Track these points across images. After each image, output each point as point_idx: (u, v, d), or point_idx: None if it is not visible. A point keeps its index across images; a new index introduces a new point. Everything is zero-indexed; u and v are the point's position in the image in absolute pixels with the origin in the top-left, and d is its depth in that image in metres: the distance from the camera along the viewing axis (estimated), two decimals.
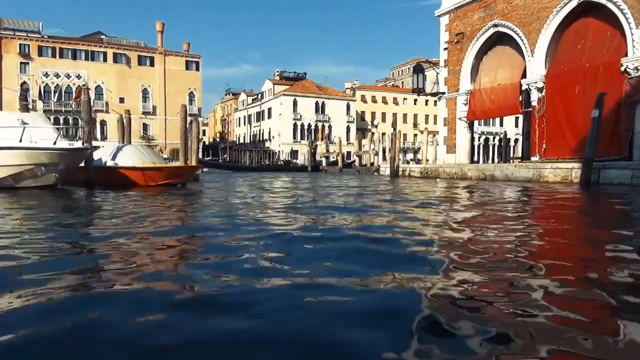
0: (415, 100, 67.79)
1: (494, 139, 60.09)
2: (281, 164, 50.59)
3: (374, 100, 69.83)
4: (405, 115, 68.72)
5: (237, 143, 71.60)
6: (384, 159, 31.87)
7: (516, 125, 55.04)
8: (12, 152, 10.80)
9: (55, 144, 11.12)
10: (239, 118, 78.57)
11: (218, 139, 76.43)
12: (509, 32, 19.33)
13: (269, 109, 66.01)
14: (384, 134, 44.12)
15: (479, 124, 51.77)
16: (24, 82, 46.37)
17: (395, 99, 70.85)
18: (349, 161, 47.57)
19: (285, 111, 61.65)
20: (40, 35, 47.30)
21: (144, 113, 50.96)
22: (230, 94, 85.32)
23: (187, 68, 53.51)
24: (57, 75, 47.52)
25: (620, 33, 15.34)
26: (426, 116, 70.73)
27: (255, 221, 5.13)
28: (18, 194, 9.57)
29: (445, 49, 22.90)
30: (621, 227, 4.81)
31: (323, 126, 61.63)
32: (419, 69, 24.31)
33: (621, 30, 15.28)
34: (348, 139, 61.05)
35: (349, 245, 3.54)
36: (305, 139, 54.30)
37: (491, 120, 54.71)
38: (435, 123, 55.49)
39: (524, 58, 18.85)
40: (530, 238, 4.02)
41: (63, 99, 46.85)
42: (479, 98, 20.94)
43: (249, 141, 71.43)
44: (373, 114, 68.98)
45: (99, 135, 43.87)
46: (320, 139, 53.22)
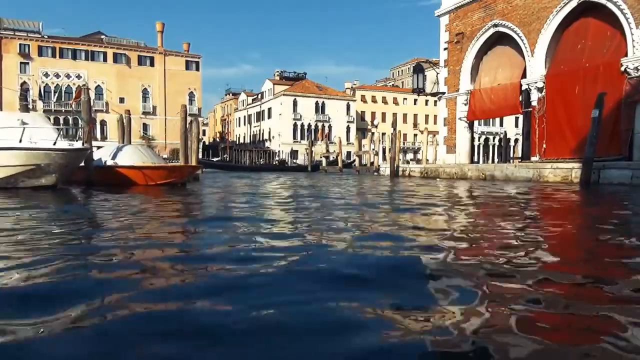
0: (415, 100, 67.78)
1: (494, 139, 60.07)
2: (275, 163, 49.83)
3: (374, 100, 69.82)
4: (405, 115, 68.70)
5: (237, 143, 71.57)
6: (384, 159, 31.85)
7: (516, 125, 55.02)
8: (12, 153, 10.78)
9: (55, 144, 11.08)
10: (239, 118, 78.55)
11: (218, 139, 76.40)
12: (509, 32, 19.33)
13: (269, 109, 66.00)
14: (384, 134, 44.09)
15: (479, 124, 51.75)
16: (24, 82, 46.37)
17: (395, 99, 70.83)
18: (349, 161, 47.50)
19: (285, 111, 61.63)
20: (40, 35, 47.29)
21: (144, 113, 50.96)
22: (230, 94, 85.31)
23: (187, 68, 53.51)
24: (57, 75, 47.51)
25: (620, 33, 15.35)
26: (426, 116, 70.71)
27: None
28: (18, 194, 9.57)
29: (445, 49, 22.90)
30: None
31: (323, 126, 61.61)
32: (419, 69, 24.31)
33: (621, 30, 15.28)
34: (348, 139, 61.03)
35: None
36: (305, 139, 54.27)
37: (491, 120, 54.69)
38: (435, 123, 55.47)
39: (524, 58, 18.84)
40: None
41: (63, 99, 46.84)
42: (479, 98, 20.94)
43: (249, 141, 71.40)
44: (373, 114, 68.98)
45: (99, 135, 43.85)
46: (320, 139, 53.19)
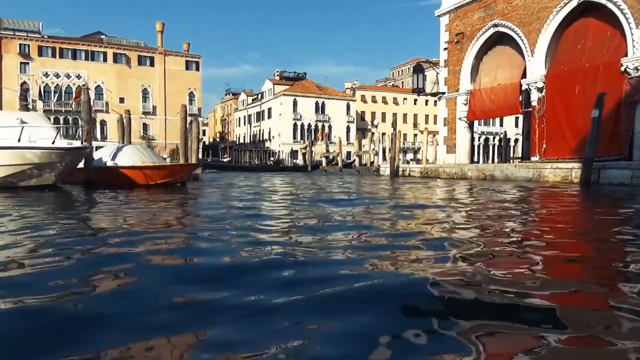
0: (415, 100, 67.78)
1: (494, 139, 60.06)
2: (270, 163, 48.94)
3: (374, 100, 69.81)
4: (405, 115, 68.70)
5: (237, 143, 71.56)
6: (384, 159, 31.84)
7: (516, 125, 55.01)
8: (11, 152, 10.77)
9: (53, 143, 11.07)
10: (239, 118, 78.54)
11: (218, 139, 76.39)
12: (509, 32, 19.31)
13: (269, 109, 65.99)
14: (384, 134, 44.08)
15: (479, 124, 51.73)
16: (24, 82, 46.37)
17: (395, 99, 70.83)
18: (349, 161, 47.49)
19: (285, 111, 61.62)
20: (40, 35, 47.28)
21: (144, 113, 50.96)
22: (230, 94, 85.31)
23: (187, 68, 53.51)
24: (57, 75, 47.51)
25: (620, 33, 15.33)
26: (426, 116, 70.70)
27: None
28: (17, 193, 9.55)
29: (445, 49, 22.88)
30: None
31: (323, 126, 61.60)
32: (419, 69, 24.29)
33: (621, 30, 15.26)
34: (348, 139, 61.02)
35: None
36: (306, 139, 54.25)
37: (491, 120, 54.68)
38: (435, 123, 55.45)
39: (524, 58, 18.83)
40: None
41: (63, 99, 46.83)
42: (479, 98, 20.93)
43: (249, 141, 71.40)
44: (373, 114, 68.97)
45: (99, 135, 43.87)
46: (320, 139, 53.18)
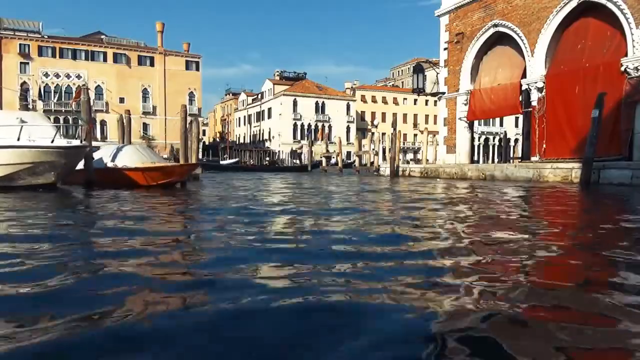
0: (415, 100, 67.78)
1: (494, 139, 60.06)
2: (265, 164, 47.72)
3: (374, 100, 69.81)
4: (405, 115, 68.70)
5: (237, 143, 71.57)
6: (384, 159, 31.82)
7: (516, 125, 55.01)
8: (10, 151, 10.75)
9: (53, 141, 11.04)
10: (239, 118, 78.54)
11: (218, 139, 76.40)
12: (509, 32, 19.31)
13: (269, 109, 65.99)
14: (384, 134, 44.07)
15: (479, 124, 51.74)
16: (24, 82, 46.37)
17: (395, 99, 70.82)
18: (349, 161, 47.45)
19: (285, 111, 61.62)
20: (40, 35, 47.29)
21: (144, 113, 50.97)
22: (230, 94, 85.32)
23: (187, 68, 53.53)
24: (57, 75, 47.51)
25: (620, 33, 15.33)
26: (426, 116, 70.70)
27: None
28: (17, 193, 9.53)
29: (445, 49, 22.88)
30: None
31: (323, 126, 61.60)
32: (419, 69, 24.29)
33: (621, 30, 15.26)
34: (348, 139, 61.03)
35: None
36: (306, 139, 54.23)
37: (491, 120, 54.68)
38: (435, 123, 55.45)
39: (524, 58, 18.83)
40: None
41: (63, 99, 46.86)
42: (479, 98, 20.92)
43: (249, 141, 71.42)
44: (373, 114, 68.97)
45: (99, 135, 43.83)
46: (320, 139, 53.16)
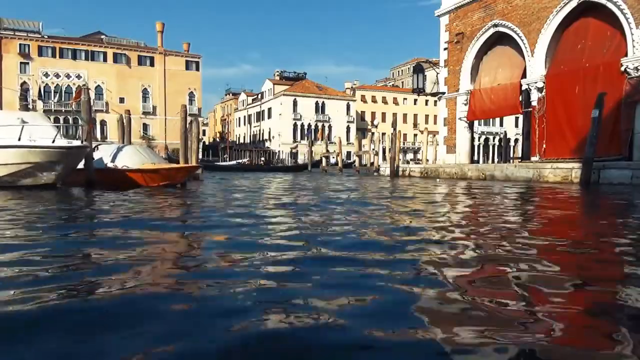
0: (415, 100, 67.79)
1: (494, 139, 60.07)
2: (261, 163, 46.25)
3: (374, 100, 69.82)
4: (405, 115, 68.70)
5: (237, 143, 71.58)
6: (384, 159, 31.81)
7: (516, 125, 55.02)
8: (11, 151, 10.76)
9: (53, 142, 11.05)
10: (239, 118, 78.55)
11: (218, 139, 76.41)
12: (509, 32, 19.32)
13: (269, 109, 66.00)
14: (384, 134, 44.06)
15: (479, 124, 51.74)
16: (24, 82, 46.39)
17: (395, 99, 70.83)
18: (349, 161, 47.43)
19: (285, 111, 61.62)
20: (40, 35, 47.30)
21: (144, 113, 50.98)
22: (230, 94, 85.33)
23: (187, 68, 53.54)
24: (57, 75, 47.52)
25: (620, 33, 15.34)
26: (426, 116, 70.71)
27: None
28: (17, 193, 9.54)
29: (445, 49, 22.89)
30: None
31: (323, 126, 61.60)
32: (419, 69, 24.29)
33: (621, 30, 15.27)
34: (348, 139, 61.02)
35: None
36: (306, 139, 54.21)
37: (491, 120, 54.69)
38: (435, 123, 55.45)
39: (524, 58, 18.83)
40: None
41: (63, 99, 46.87)
42: (479, 98, 20.93)
43: (249, 141, 71.42)
44: (373, 114, 68.97)
45: (99, 135, 43.84)
46: (320, 139, 53.16)
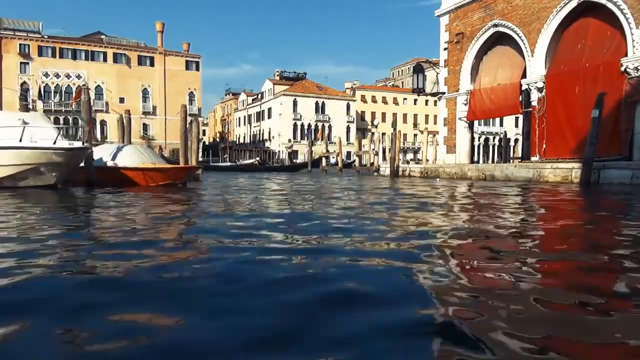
0: (415, 100, 67.80)
1: (494, 139, 60.08)
2: (255, 163, 44.20)
3: (374, 100, 69.83)
4: (405, 115, 68.72)
5: (237, 143, 71.59)
6: (384, 159, 31.79)
7: (516, 125, 55.03)
8: (12, 152, 10.77)
9: (55, 143, 11.06)
10: (239, 118, 78.55)
11: (218, 139, 76.41)
12: (509, 32, 19.32)
13: (269, 109, 66.00)
14: (384, 134, 44.03)
15: (479, 124, 51.75)
16: (24, 82, 46.40)
17: (395, 99, 70.84)
18: (349, 161, 47.40)
19: (285, 111, 61.64)
20: (40, 35, 47.30)
21: (144, 113, 50.98)
22: (230, 94, 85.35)
23: (187, 68, 53.55)
24: (57, 75, 47.52)
25: (620, 33, 15.34)
26: (426, 116, 70.72)
27: None
28: (18, 193, 9.55)
29: (445, 49, 22.88)
30: None
31: (323, 126, 61.61)
32: (419, 69, 24.29)
33: (621, 30, 15.27)
34: (348, 139, 61.04)
35: None
36: (306, 139, 54.21)
37: (491, 120, 54.69)
38: (435, 123, 55.46)
39: (524, 58, 18.83)
40: None
41: (63, 99, 46.88)
42: (479, 98, 20.93)
43: (249, 141, 71.43)
44: (373, 114, 68.98)
45: (99, 135, 43.85)
46: (320, 139, 53.17)
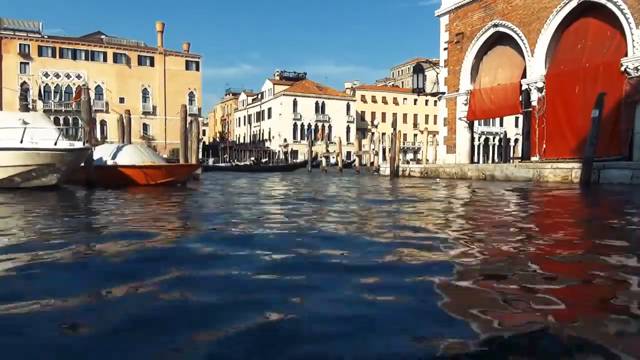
0: (415, 100, 67.82)
1: (494, 139, 60.09)
2: (250, 163, 44.89)
3: (374, 100, 69.83)
4: (405, 115, 68.72)
5: (237, 143, 71.60)
6: (384, 159, 31.81)
7: (516, 125, 55.05)
8: (14, 153, 10.77)
9: (56, 144, 11.07)
10: (239, 118, 78.56)
11: (218, 139, 76.43)
12: (509, 32, 19.32)
13: (269, 109, 66.01)
14: (384, 134, 44.05)
15: (479, 124, 51.76)
16: (24, 82, 46.39)
17: (395, 99, 70.84)
18: (349, 161, 47.43)
19: (285, 111, 61.64)
20: (40, 35, 47.30)
21: (144, 113, 50.98)
22: (230, 94, 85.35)
23: (187, 68, 53.55)
24: (57, 75, 47.52)
25: (620, 33, 15.35)
26: (426, 116, 70.73)
27: None
28: (19, 194, 9.56)
29: (445, 49, 22.89)
30: None
31: (323, 126, 61.62)
32: (419, 69, 24.29)
33: (621, 30, 15.28)
34: (348, 139, 61.05)
35: None
36: (306, 139, 54.23)
37: (491, 120, 54.70)
38: (435, 123, 55.47)
39: (524, 58, 18.84)
40: None
41: (63, 99, 46.88)
42: (479, 98, 20.94)
43: (249, 141, 71.44)
44: (373, 114, 68.99)
45: (99, 135, 43.83)
46: (320, 139, 53.19)
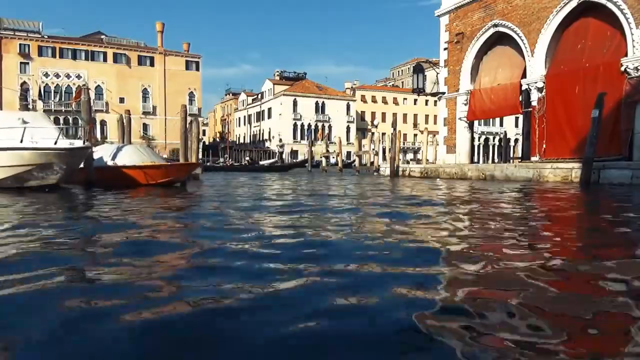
0: (415, 100, 67.82)
1: (494, 139, 60.09)
2: (246, 163, 44.08)
3: (374, 100, 69.83)
4: (405, 115, 68.73)
5: (237, 143, 71.61)
6: (384, 159, 31.81)
7: (516, 125, 55.05)
8: (14, 153, 10.76)
9: (56, 143, 11.05)
10: (239, 118, 78.57)
11: (218, 139, 76.43)
12: (509, 32, 19.32)
13: (269, 109, 66.02)
14: (384, 134, 44.05)
15: (479, 124, 51.77)
16: (24, 82, 46.40)
17: (395, 99, 70.84)
18: (349, 161, 47.44)
19: (285, 111, 61.65)
20: (40, 35, 47.31)
21: (144, 113, 50.99)
22: (230, 94, 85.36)
23: (187, 68, 53.55)
24: (57, 75, 47.52)
25: (620, 33, 15.35)
26: (426, 116, 70.73)
27: None
28: (20, 194, 9.56)
29: (445, 49, 22.89)
30: None
31: (323, 126, 61.62)
32: (419, 69, 24.29)
33: (621, 30, 15.28)
34: (348, 139, 61.06)
35: None
36: (306, 139, 54.23)
37: (491, 120, 54.71)
38: (435, 123, 55.49)
39: (524, 58, 18.84)
40: None
41: (63, 99, 46.88)
42: (479, 98, 20.94)
43: (249, 141, 71.44)
44: (373, 114, 68.99)
45: (99, 135, 43.80)
46: (320, 139, 53.20)
